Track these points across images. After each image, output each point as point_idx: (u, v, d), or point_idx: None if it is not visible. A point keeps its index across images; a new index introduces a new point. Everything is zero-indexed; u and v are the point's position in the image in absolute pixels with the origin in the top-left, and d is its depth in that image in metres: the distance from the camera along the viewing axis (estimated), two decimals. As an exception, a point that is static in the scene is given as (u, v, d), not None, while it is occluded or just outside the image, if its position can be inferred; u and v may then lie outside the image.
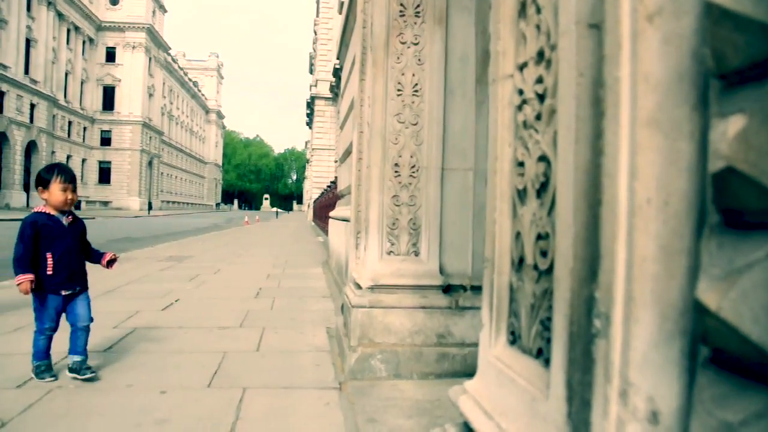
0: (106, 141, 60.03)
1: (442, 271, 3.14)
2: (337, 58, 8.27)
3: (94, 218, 30.18)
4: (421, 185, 3.14)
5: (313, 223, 27.41)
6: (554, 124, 0.99)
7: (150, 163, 65.00)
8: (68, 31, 51.84)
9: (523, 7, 1.17)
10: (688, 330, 0.72)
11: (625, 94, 0.78)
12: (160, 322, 4.26)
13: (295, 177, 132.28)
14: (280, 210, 79.12)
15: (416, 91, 3.15)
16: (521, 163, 1.14)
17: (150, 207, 53.66)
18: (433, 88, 3.15)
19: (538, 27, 1.09)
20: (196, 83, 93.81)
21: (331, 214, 8.85)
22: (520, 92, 1.16)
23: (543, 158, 1.04)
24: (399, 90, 3.15)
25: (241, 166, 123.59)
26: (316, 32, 37.20)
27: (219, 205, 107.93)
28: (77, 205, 2.82)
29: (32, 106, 44.39)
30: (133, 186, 60.52)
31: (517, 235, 1.16)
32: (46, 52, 46.32)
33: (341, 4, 6.85)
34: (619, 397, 0.76)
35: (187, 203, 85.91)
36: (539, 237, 1.06)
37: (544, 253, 1.03)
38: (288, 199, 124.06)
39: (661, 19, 0.75)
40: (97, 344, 3.40)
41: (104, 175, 59.46)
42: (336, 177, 11.42)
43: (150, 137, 65.20)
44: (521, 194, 1.15)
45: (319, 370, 3.13)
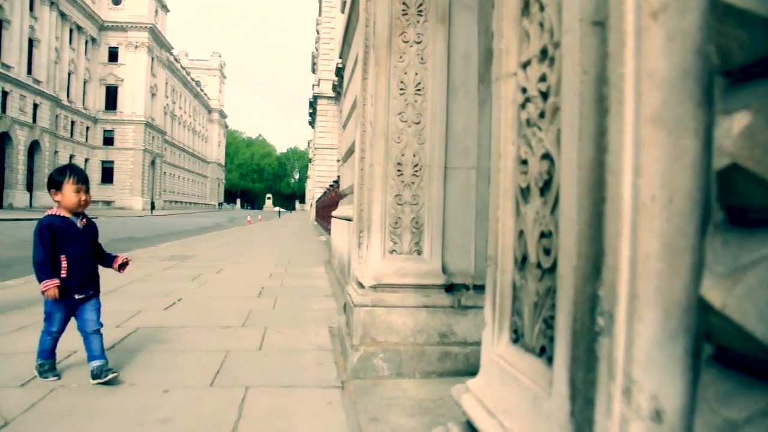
0: (108, 141, 60.17)
1: (444, 270, 3.14)
2: (340, 57, 8.27)
3: (97, 218, 30.00)
4: (423, 184, 3.14)
5: (316, 223, 27.42)
6: (557, 122, 0.99)
7: (153, 163, 65.17)
8: (71, 30, 51.96)
9: (526, 5, 1.16)
10: (692, 328, 0.72)
11: (629, 92, 0.77)
12: (163, 322, 4.26)
13: (297, 176, 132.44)
14: (282, 209, 79.28)
15: (419, 90, 3.15)
16: (524, 161, 1.14)
17: (153, 207, 53.83)
18: (436, 87, 3.14)
19: (541, 25, 1.09)
20: (198, 83, 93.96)
21: (334, 213, 8.85)
22: (524, 90, 1.16)
23: (546, 156, 1.04)
24: (402, 89, 3.15)
25: (243, 166, 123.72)
26: (318, 31, 37.22)
27: (221, 205, 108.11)
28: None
29: (35, 106, 44.52)
30: (136, 186, 60.62)
31: (520, 234, 1.16)
32: (48, 52, 46.43)
33: (344, 3, 6.85)
34: (622, 395, 0.75)
35: (190, 203, 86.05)
36: (542, 235, 1.05)
37: (548, 252, 1.03)
38: (290, 198, 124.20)
39: (665, 16, 0.75)
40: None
41: (107, 174, 59.57)
42: (338, 176, 11.43)
43: (152, 137, 65.32)
44: (524, 192, 1.14)
45: (322, 369, 3.13)
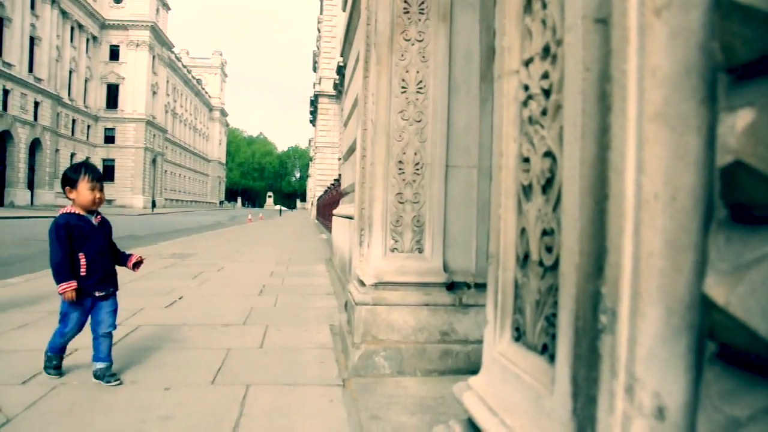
0: (109, 139, 60.25)
1: (445, 268, 3.14)
2: (341, 56, 8.27)
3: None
4: (425, 182, 3.14)
5: (317, 221, 27.45)
6: (560, 120, 0.99)
7: (154, 161, 65.22)
8: (72, 29, 51.98)
9: (528, 3, 1.16)
10: (695, 325, 0.72)
11: (632, 89, 0.77)
12: (164, 320, 4.27)
13: (298, 175, 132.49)
14: (283, 208, 79.41)
15: (420, 88, 3.15)
16: (526, 159, 1.14)
17: (154, 205, 53.88)
18: (437, 85, 3.14)
19: (543, 22, 1.09)
20: (199, 81, 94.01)
21: (335, 211, 8.85)
22: (526, 88, 1.16)
23: (548, 154, 1.04)
24: (403, 87, 3.15)
25: (244, 164, 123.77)
26: (319, 30, 37.20)
27: (222, 203, 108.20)
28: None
29: (36, 104, 44.57)
30: (137, 184, 60.67)
31: (522, 231, 1.16)
32: (50, 51, 46.47)
33: (345, 1, 6.84)
34: (625, 392, 0.75)
35: (191, 201, 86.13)
36: (544, 233, 1.05)
37: (550, 249, 1.03)
38: (291, 196, 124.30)
39: (669, 13, 0.74)
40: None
41: (108, 173, 59.54)
42: (339, 174, 11.42)
43: (154, 135, 65.36)
44: (526, 190, 1.14)
45: (323, 367, 3.14)
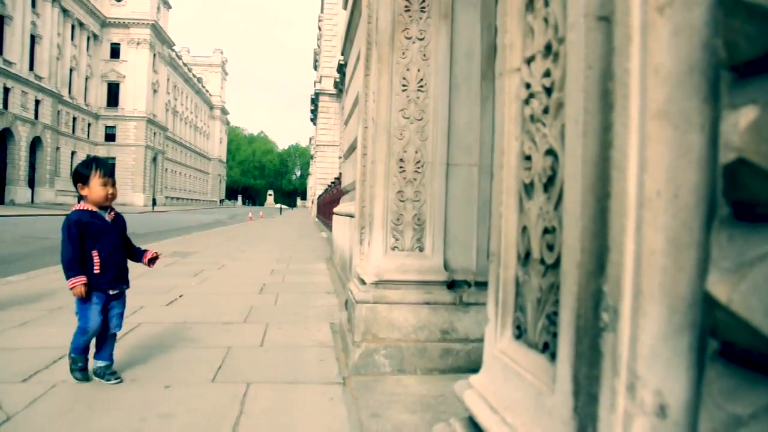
0: (110, 137, 60.23)
1: (446, 266, 3.14)
2: (342, 54, 8.26)
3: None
4: (425, 181, 3.14)
5: (317, 219, 27.45)
6: (562, 118, 0.99)
7: (154, 159, 65.22)
8: (73, 27, 51.96)
9: (530, 1, 1.16)
10: (696, 323, 0.72)
11: (635, 87, 0.77)
12: (165, 318, 4.27)
13: (299, 173, 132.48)
14: (284, 206, 79.43)
15: (421, 87, 3.15)
16: (528, 157, 1.14)
17: (154, 203, 53.92)
18: (438, 84, 3.14)
19: (545, 20, 1.08)
20: (200, 79, 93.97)
21: (335, 209, 8.85)
22: (527, 86, 1.16)
23: (550, 152, 1.04)
24: (404, 85, 3.14)
25: (245, 162, 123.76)
26: (320, 28, 37.18)
27: (223, 201, 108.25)
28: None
29: (37, 102, 44.55)
30: (138, 182, 60.66)
31: (524, 229, 1.16)
32: (50, 48, 46.44)
33: (346, 0, 6.83)
34: (626, 390, 0.75)
35: (191, 199, 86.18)
36: (546, 231, 1.05)
37: (551, 247, 1.02)
38: (292, 195, 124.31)
39: (672, 10, 0.74)
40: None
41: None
42: (340, 173, 11.43)
43: (154, 133, 65.36)
44: (528, 188, 1.14)
45: (323, 366, 3.14)
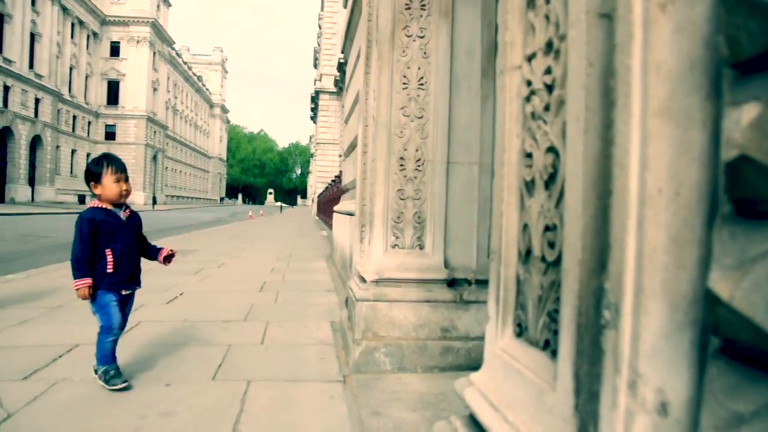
0: (110, 135, 60.17)
1: (446, 264, 3.14)
2: (342, 53, 8.25)
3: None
4: (426, 179, 3.14)
5: (317, 218, 27.45)
6: (563, 115, 0.98)
7: (154, 158, 65.21)
8: (72, 25, 51.89)
9: (531, -2, 1.16)
10: (698, 321, 0.72)
11: (636, 84, 0.77)
12: (165, 316, 4.27)
13: (299, 171, 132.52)
14: (284, 204, 79.49)
15: (422, 85, 3.14)
16: (529, 155, 1.14)
17: (154, 201, 53.93)
18: (439, 82, 3.13)
19: (547, 17, 1.08)
20: (200, 77, 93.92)
21: (336, 208, 8.84)
22: (528, 83, 1.16)
23: (551, 149, 1.04)
24: (404, 83, 3.14)
25: (245, 161, 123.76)
26: (320, 26, 37.17)
27: (223, 200, 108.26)
28: (81, 199, 2.74)
29: (37, 101, 44.52)
30: (138, 180, 60.59)
31: (525, 227, 1.16)
32: (50, 47, 46.39)
33: (346, -3, 6.82)
34: (628, 388, 0.75)
35: (192, 198, 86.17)
36: (547, 228, 1.05)
37: (552, 245, 1.02)
38: (292, 193, 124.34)
39: (674, 7, 0.74)
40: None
41: (109, 169, 59.49)
42: (340, 171, 11.42)
43: (154, 131, 65.33)
44: (529, 186, 1.14)
45: (324, 364, 3.14)
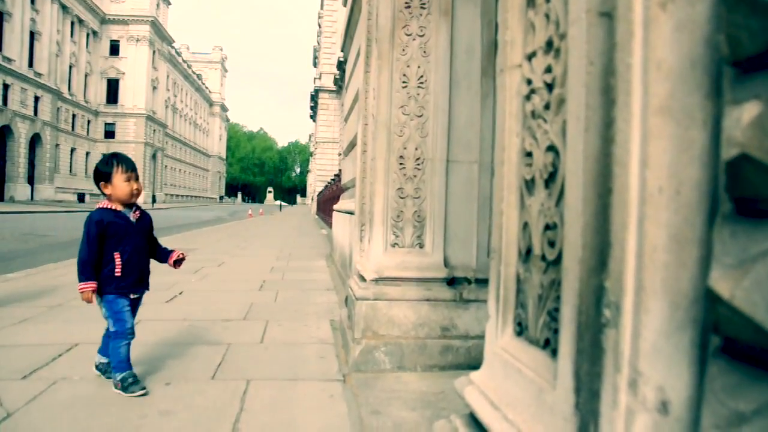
0: (110, 134, 60.14)
1: (446, 263, 3.14)
2: (342, 51, 8.25)
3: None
4: (426, 177, 3.13)
5: (317, 216, 27.45)
6: (563, 114, 0.98)
7: (154, 156, 65.19)
8: (72, 23, 51.84)
9: (531, -4, 1.15)
10: (699, 319, 0.72)
11: (637, 82, 0.77)
12: (165, 315, 4.27)
13: (298, 170, 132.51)
14: (283, 203, 79.47)
15: (421, 83, 3.14)
16: (529, 154, 1.14)
17: (154, 200, 53.94)
18: (439, 80, 3.13)
19: (547, 16, 1.08)
20: (200, 76, 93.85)
21: (335, 206, 8.84)
22: (529, 82, 1.15)
23: (551, 148, 1.04)
24: (404, 82, 3.14)
25: (244, 159, 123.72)
26: (320, 25, 37.15)
27: (222, 198, 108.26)
28: (81, 197, 2.73)
29: (36, 99, 44.49)
30: (137, 179, 60.51)
31: (525, 226, 1.15)
32: (50, 45, 46.34)
33: (345, -4, 6.82)
34: (628, 387, 0.75)
35: (191, 196, 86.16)
36: (547, 227, 1.05)
37: (552, 244, 1.02)
38: (291, 192, 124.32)
39: (674, 6, 0.74)
40: (101, 337, 3.41)
41: (108, 168, 59.46)
42: (340, 170, 11.42)
43: (154, 130, 65.30)
44: (529, 185, 1.14)
45: (323, 363, 3.14)
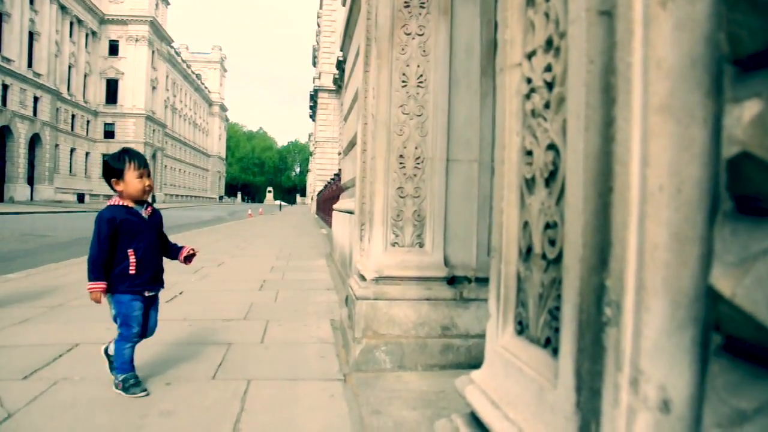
0: (109, 134, 60.08)
1: (446, 262, 3.13)
2: (341, 50, 8.24)
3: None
4: (425, 176, 3.13)
5: (317, 216, 27.45)
6: (563, 112, 0.98)
7: (153, 156, 65.11)
8: (71, 24, 51.80)
9: (531, -5, 1.15)
10: (700, 318, 0.72)
11: (637, 81, 0.77)
12: (164, 314, 4.23)
13: (298, 170, 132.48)
14: (283, 203, 79.48)
15: (421, 83, 3.14)
16: (529, 152, 1.14)
17: (154, 200, 53.68)
18: (438, 80, 3.13)
19: (546, 15, 1.08)
20: (199, 76, 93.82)
21: (335, 206, 8.84)
22: (528, 81, 1.15)
23: (552, 147, 1.03)
24: (404, 81, 3.14)
25: (244, 159, 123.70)
26: (319, 24, 37.12)
27: (222, 198, 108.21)
28: (80, 197, 2.72)
29: (36, 100, 44.46)
30: (137, 179, 60.46)
31: (525, 225, 1.15)
32: (49, 45, 46.30)
33: (345, -5, 6.81)
34: (629, 385, 0.75)
35: (191, 196, 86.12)
36: (547, 226, 1.05)
37: (553, 242, 1.02)
38: (291, 191, 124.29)
39: (674, 4, 0.74)
40: (101, 337, 3.41)
41: (108, 168, 59.47)
42: (339, 169, 11.42)
43: (153, 130, 65.27)
44: (529, 183, 1.14)
45: (324, 362, 3.14)
